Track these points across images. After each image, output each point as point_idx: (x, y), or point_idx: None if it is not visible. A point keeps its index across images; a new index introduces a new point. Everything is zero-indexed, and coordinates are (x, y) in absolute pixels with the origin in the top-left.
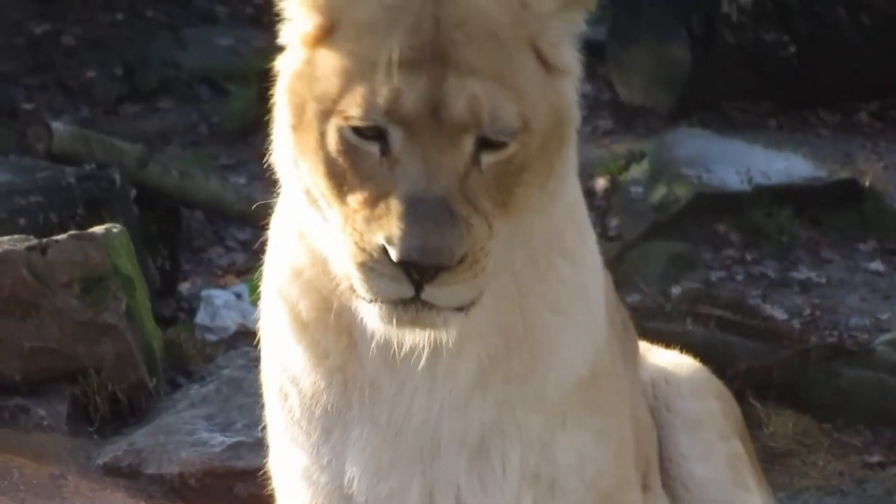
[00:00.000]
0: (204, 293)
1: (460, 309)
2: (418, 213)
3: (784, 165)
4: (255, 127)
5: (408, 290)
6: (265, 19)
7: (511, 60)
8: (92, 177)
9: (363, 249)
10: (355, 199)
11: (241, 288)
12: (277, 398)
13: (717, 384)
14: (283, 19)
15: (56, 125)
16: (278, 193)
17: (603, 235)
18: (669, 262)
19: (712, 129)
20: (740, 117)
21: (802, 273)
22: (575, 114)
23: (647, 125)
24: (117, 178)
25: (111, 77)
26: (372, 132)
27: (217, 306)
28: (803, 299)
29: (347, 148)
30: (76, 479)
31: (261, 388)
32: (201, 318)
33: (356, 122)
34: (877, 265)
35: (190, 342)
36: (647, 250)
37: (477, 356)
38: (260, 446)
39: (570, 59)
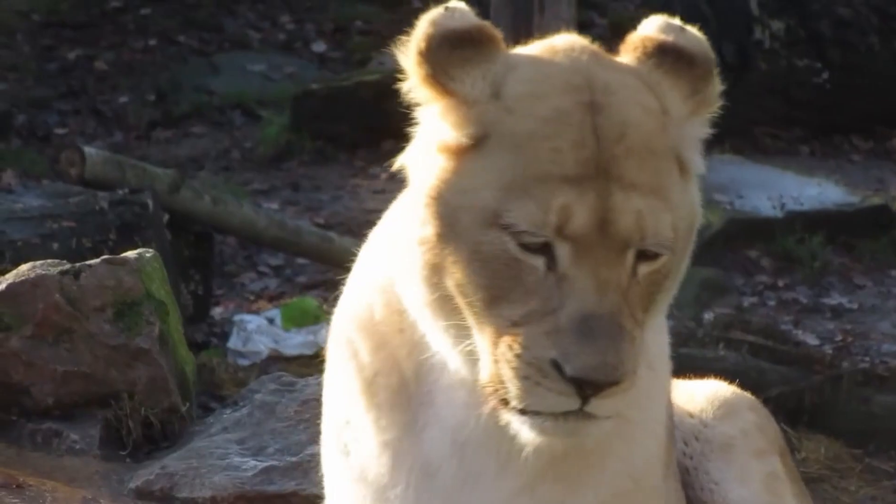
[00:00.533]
0: (236, 318)
1: (609, 416)
2: (592, 330)
3: (816, 192)
4: (288, 152)
5: (574, 404)
6: (297, 45)
7: (663, 171)
8: (124, 202)
9: (529, 364)
10: (515, 311)
11: (274, 313)
12: (336, 451)
13: (748, 399)
14: (414, 122)
15: (89, 150)
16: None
17: None
18: (702, 287)
19: (745, 155)
20: (772, 144)
21: (834, 299)
22: (700, 214)
23: None
24: (150, 202)
25: (144, 102)
26: (538, 247)
27: (249, 331)
28: (835, 325)
29: (510, 261)
30: (108, 503)
31: (303, 420)
32: (234, 342)
33: (526, 238)
34: None
35: (222, 367)
36: None
37: (547, 455)
38: (292, 470)
39: (700, 162)
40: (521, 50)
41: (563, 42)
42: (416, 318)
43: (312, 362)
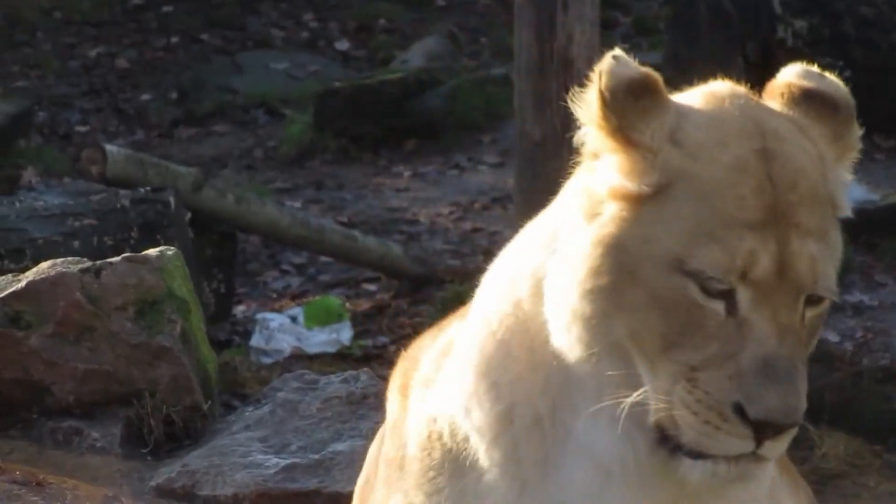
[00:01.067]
0: (259, 316)
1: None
2: (775, 373)
3: None
4: (311, 151)
5: (749, 446)
6: (320, 43)
7: (827, 216)
8: (146, 200)
9: (710, 407)
10: (694, 356)
11: (297, 311)
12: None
13: None
14: (583, 169)
15: (110, 148)
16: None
17: None
18: None
19: None
20: None
21: (855, 296)
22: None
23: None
24: (172, 201)
25: (166, 101)
26: (719, 292)
27: (272, 329)
28: (856, 322)
29: (691, 307)
30: (130, 500)
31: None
32: (256, 341)
33: (711, 284)
34: None
35: (245, 365)
36: None
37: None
38: (314, 468)
39: (847, 204)
40: (681, 96)
41: (724, 88)
42: (567, 363)
43: (335, 360)
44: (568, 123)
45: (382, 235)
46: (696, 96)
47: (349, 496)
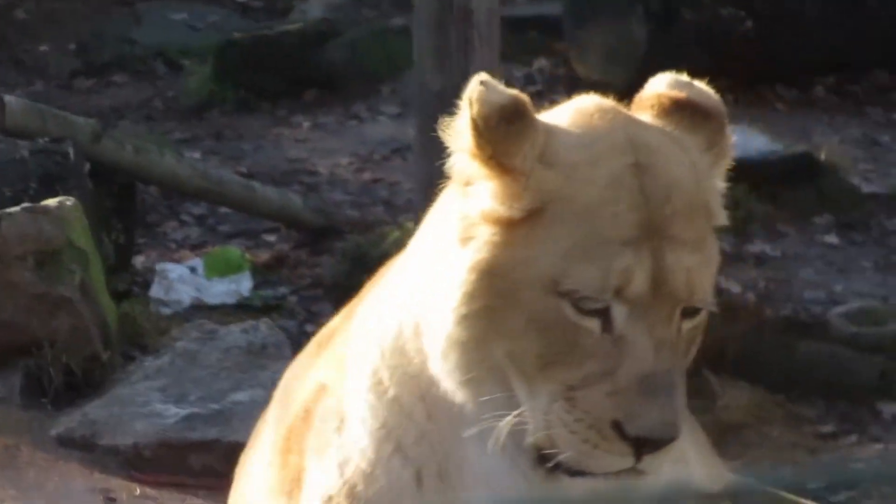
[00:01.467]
0: (158, 267)
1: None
2: (653, 389)
3: (740, 140)
4: (210, 102)
5: (629, 462)
6: None
7: (702, 227)
8: (45, 151)
9: (590, 426)
10: (571, 375)
11: (196, 262)
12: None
13: None
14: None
15: (9, 99)
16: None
17: None
18: None
19: None
20: None
21: (758, 247)
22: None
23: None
24: (71, 152)
25: (64, 52)
26: (595, 310)
27: (172, 280)
28: (758, 273)
29: (567, 325)
30: (30, 450)
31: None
32: (156, 292)
33: (587, 304)
34: (832, 239)
35: (144, 316)
36: None
37: None
38: (214, 418)
39: (723, 212)
40: (548, 114)
41: (592, 104)
42: (453, 395)
43: (235, 311)
44: (467, 74)
45: (282, 186)
46: (563, 114)
47: None
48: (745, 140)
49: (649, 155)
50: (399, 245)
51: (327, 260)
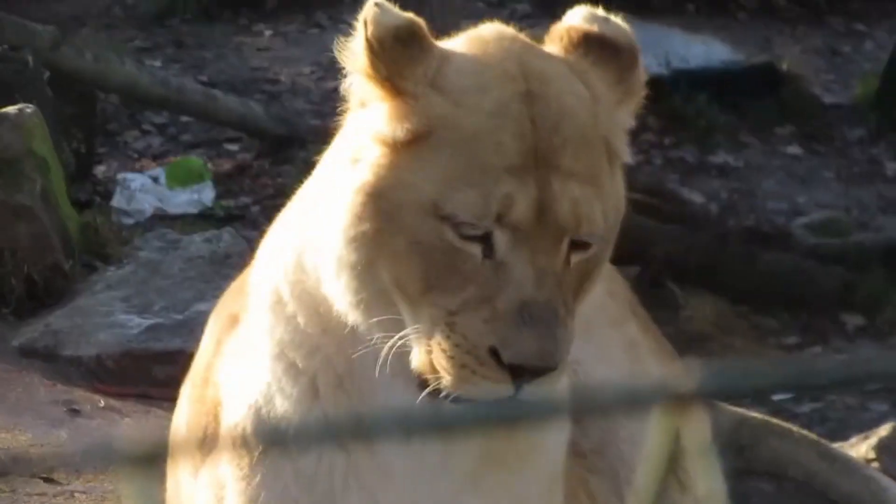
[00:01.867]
0: (120, 177)
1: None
2: (530, 316)
3: (702, 50)
4: (171, 10)
5: (508, 391)
6: None
7: (596, 160)
8: (4, 59)
9: (467, 352)
10: (451, 300)
11: (158, 172)
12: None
13: None
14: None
15: None
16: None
17: None
18: None
19: (630, 13)
20: (659, 2)
21: (720, 157)
22: (624, 202)
23: (566, 9)
24: (30, 60)
25: None
26: (475, 236)
27: (133, 190)
28: (721, 183)
29: (448, 250)
30: None
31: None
32: (117, 201)
33: (467, 230)
34: (794, 149)
35: (106, 226)
36: None
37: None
38: (178, 328)
39: (627, 150)
40: (448, 41)
41: (491, 31)
42: (345, 315)
43: (197, 221)
44: None
45: (244, 95)
46: (461, 41)
47: None
48: (707, 50)
49: (542, 84)
50: None
51: (290, 169)
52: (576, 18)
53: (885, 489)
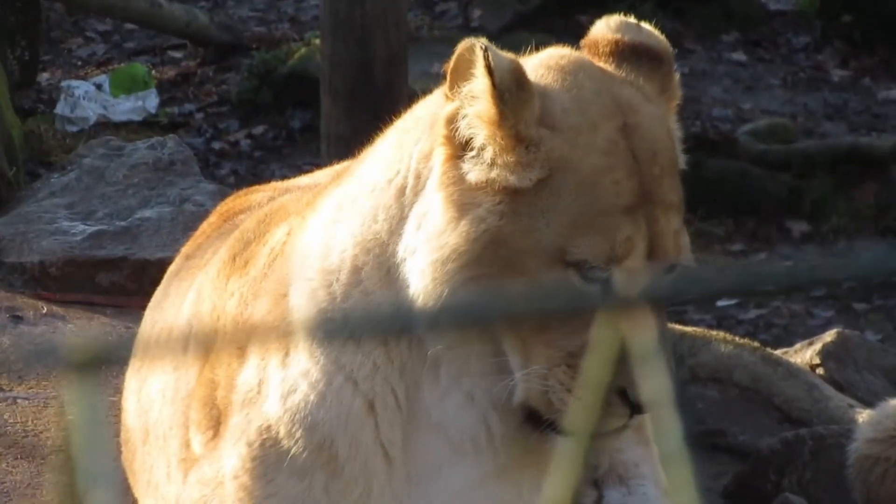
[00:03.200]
0: (64, 84)
1: None
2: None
3: None
4: None
5: (624, 422)
6: None
7: (679, 185)
8: None
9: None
10: (570, 342)
11: (102, 79)
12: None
13: None
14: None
15: None
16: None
17: (465, 27)
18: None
19: None
20: None
21: None
22: None
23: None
24: None
25: None
26: (600, 278)
27: (77, 97)
28: None
29: (571, 293)
30: None
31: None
32: (61, 109)
33: (595, 273)
34: (739, 56)
35: (50, 133)
36: (510, 42)
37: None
38: (121, 235)
39: (683, 158)
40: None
41: (569, 61)
42: (426, 348)
43: (141, 128)
44: None
45: (188, 2)
46: (542, 72)
47: (156, 263)
48: None
49: (634, 114)
50: (305, 61)
51: (234, 76)
52: (612, 29)
53: (828, 396)
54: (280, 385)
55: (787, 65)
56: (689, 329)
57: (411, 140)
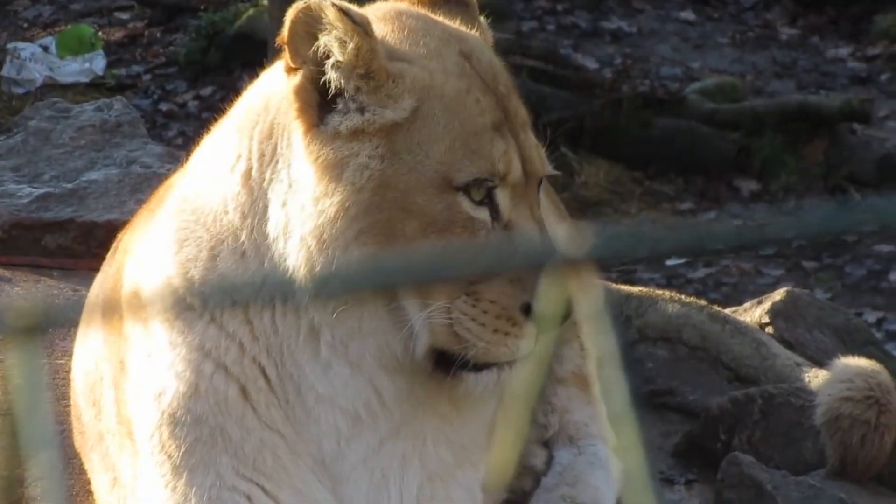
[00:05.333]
0: (10, 46)
1: None
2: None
3: None
4: None
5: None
6: None
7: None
8: None
9: (497, 316)
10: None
11: (49, 41)
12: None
13: None
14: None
15: None
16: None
17: None
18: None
19: None
20: None
21: (614, 23)
22: None
23: None
24: None
25: None
26: (483, 200)
27: (23, 59)
28: (615, 49)
29: (465, 221)
30: None
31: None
32: (7, 71)
33: (477, 195)
34: (688, 14)
35: None
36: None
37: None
38: (68, 197)
39: None
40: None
41: (389, 7)
42: (314, 318)
43: (88, 90)
44: None
45: None
46: (370, 17)
47: (104, 225)
48: None
49: (465, 43)
50: (253, 21)
51: (181, 37)
52: None
53: (775, 354)
54: (151, 383)
55: (736, 24)
56: (636, 289)
57: (248, 125)
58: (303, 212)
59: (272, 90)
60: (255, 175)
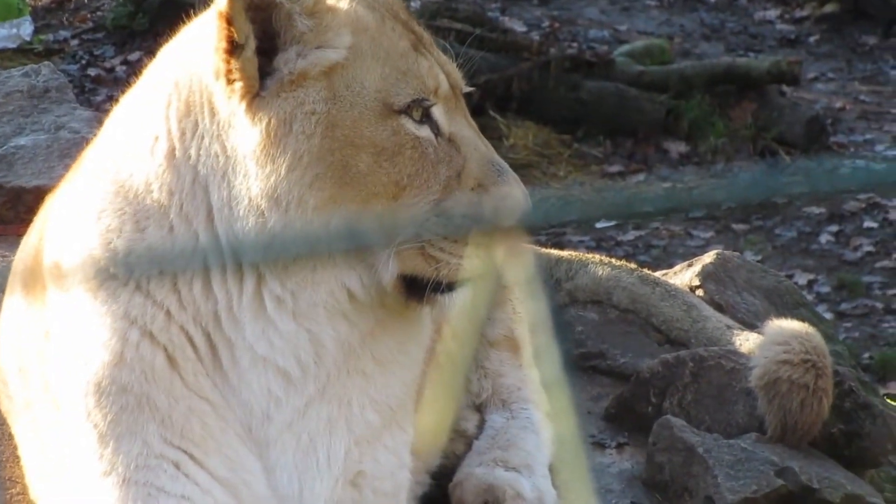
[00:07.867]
0: None
1: None
2: (502, 168)
3: None
4: None
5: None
6: None
7: None
8: None
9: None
10: (431, 190)
11: None
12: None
13: None
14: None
15: None
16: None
17: None
18: None
19: None
20: None
21: None
22: None
23: None
24: None
25: None
26: (423, 118)
27: None
28: (542, 12)
29: (414, 142)
30: None
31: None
32: None
33: (425, 103)
34: None
35: None
36: None
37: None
38: None
39: None
40: None
41: None
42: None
43: (16, 56)
44: None
45: None
46: None
47: (32, 191)
48: None
49: None
50: None
51: (109, 2)
52: None
53: (706, 316)
54: (75, 352)
55: None
56: (566, 253)
57: (162, 104)
58: (247, 178)
59: (183, 68)
60: (179, 154)
